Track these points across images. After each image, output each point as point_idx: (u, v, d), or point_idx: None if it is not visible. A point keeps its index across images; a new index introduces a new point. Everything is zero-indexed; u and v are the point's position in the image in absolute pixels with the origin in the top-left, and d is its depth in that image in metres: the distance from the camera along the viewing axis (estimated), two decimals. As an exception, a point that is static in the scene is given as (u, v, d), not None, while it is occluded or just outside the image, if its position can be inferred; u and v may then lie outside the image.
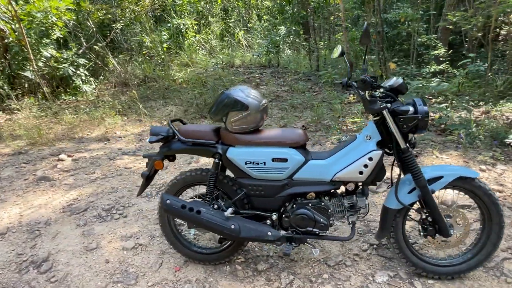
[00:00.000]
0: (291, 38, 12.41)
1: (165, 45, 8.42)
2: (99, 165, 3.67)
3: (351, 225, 1.92)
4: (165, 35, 8.72)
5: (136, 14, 8.42)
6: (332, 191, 1.90)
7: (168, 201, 1.85)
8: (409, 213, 1.94)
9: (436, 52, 7.71)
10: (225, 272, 2.08)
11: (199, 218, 1.83)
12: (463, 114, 4.44)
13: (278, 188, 1.89)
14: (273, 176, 1.88)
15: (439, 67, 7.37)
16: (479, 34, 6.67)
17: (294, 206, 1.90)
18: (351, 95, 6.14)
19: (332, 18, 11.00)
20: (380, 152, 1.77)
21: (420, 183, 1.77)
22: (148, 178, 2.07)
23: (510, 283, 1.89)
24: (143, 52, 8.68)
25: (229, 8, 12.96)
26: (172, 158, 2.10)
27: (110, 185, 3.21)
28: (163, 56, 8.31)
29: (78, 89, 7.02)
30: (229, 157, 1.88)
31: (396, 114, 1.74)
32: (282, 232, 1.91)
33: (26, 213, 2.80)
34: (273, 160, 1.85)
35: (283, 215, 1.92)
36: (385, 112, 1.74)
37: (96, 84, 7.54)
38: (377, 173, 1.81)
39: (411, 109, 1.69)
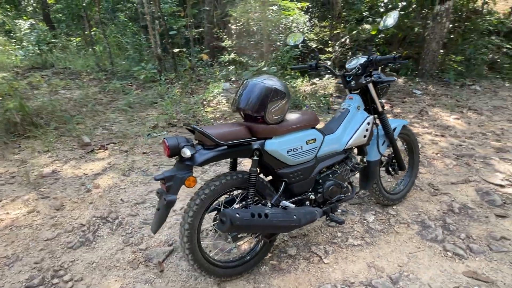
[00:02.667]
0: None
1: None
2: None
3: (352, 182, 2.28)
4: None
5: None
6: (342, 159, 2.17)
7: (238, 215, 1.57)
8: None
9: (224, 43, 8.81)
10: (267, 272, 1.98)
11: (269, 222, 1.68)
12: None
13: (311, 168, 1.98)
14: (307, 158, 1.95)
15: (231, 56, 8.50)
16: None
17: (321, 181, 2.05)
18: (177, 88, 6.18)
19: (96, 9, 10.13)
20: (372, 116, 2.20)
21: (391, 136, 2.35)
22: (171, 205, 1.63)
23: (423, 190, 2.83)
24: None
25: None
26: None
27: (-6, 255, 2.08)
28: None
29: None
30: (269, 150, 1.79)
31: (376, 84, 2.20)
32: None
33: None
34: (307, 142, 1.92)
35: (316, 193, 2.03)
36: (370, 84, 2.16)
37: None
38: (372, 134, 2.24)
39: (396, 78, 2.19)
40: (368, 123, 2.18)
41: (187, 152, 1.55)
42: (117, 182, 2.93)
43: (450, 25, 7.17)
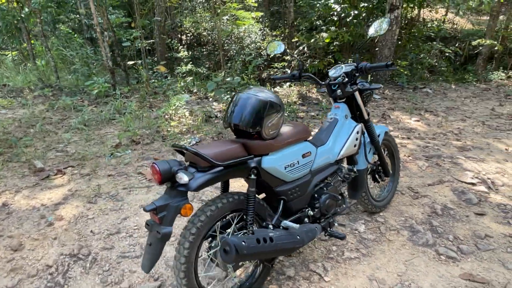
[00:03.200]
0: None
1: None
2: None
3: (345, 193, 2.22)
4: None
5: None
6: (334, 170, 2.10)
7: (244, 243, 1.42)
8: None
9: (180, 54, 8.58)
10: (269, 298, 1.84)
11: (274, 246, 1.54)
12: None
13: (308, 183, 1.88)
14: (303, 173, 1.85)
15: (188, 67, 8.30)
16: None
17: (316, 195, 1.96)
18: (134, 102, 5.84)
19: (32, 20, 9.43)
20: (361, 124, 2.16)
21: (377, 143, 2.33)
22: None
23: (404, 194, 2.86)
24: None
25: None
26: None
27: None
28: None
29: None
30: (267, 168, 1.67)
31: (361, 92, 2.17)
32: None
33: None
34: (303, 156, 1.82)
35: (313, 208, 1.94)
36: (356, 92, 2.12)
37: None
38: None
39: (381, 85, 2.17)
40: (357, 132, 2.14)
41: (184, 178, 1.37)
42: (83, 211, 2.61)
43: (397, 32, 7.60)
